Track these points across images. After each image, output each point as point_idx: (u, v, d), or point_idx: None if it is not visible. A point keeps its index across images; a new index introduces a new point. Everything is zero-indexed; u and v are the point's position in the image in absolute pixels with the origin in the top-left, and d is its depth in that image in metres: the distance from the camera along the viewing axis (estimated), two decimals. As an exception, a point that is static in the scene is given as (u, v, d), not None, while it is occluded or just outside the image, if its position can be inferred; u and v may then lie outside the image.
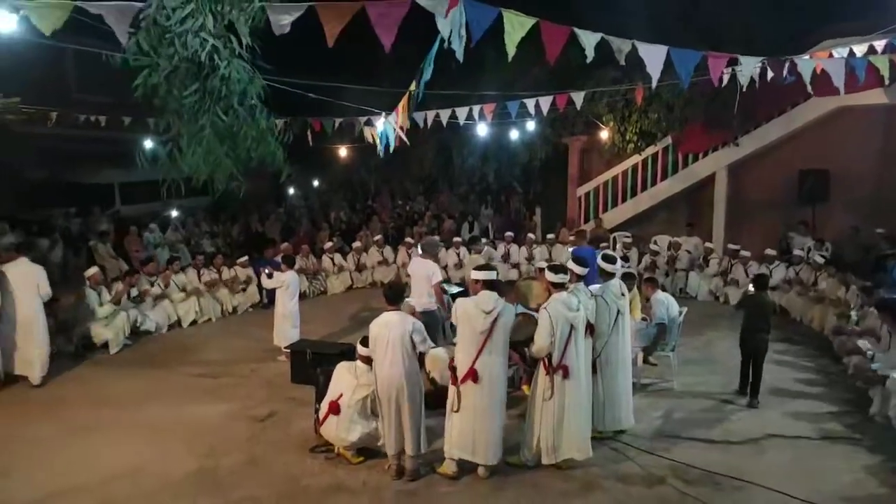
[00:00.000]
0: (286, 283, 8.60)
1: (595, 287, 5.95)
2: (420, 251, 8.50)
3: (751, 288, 7.70)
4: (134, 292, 9.62)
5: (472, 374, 5.07)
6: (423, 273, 7.85)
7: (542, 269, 7.05)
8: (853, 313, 8.27)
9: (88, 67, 10.46)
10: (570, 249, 12.22)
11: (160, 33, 3.59)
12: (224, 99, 3.77)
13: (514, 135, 14.85)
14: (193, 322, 10.31)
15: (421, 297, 7.74)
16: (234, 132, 3.94)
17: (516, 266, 13.04)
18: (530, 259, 13.05)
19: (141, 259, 11.52)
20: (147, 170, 4.64)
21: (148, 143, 13.15)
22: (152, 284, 9.98)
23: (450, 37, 4.01)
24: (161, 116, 4.00)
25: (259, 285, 11.13)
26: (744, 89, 5.44)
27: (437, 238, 9.80)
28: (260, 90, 3.99)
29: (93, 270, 9.25)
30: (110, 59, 3.99)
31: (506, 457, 5.38)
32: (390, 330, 5.15)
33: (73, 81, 15.48)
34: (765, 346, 6.90)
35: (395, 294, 5.40)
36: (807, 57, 6.73)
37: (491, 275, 5.29)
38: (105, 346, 8.86)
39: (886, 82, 5.90)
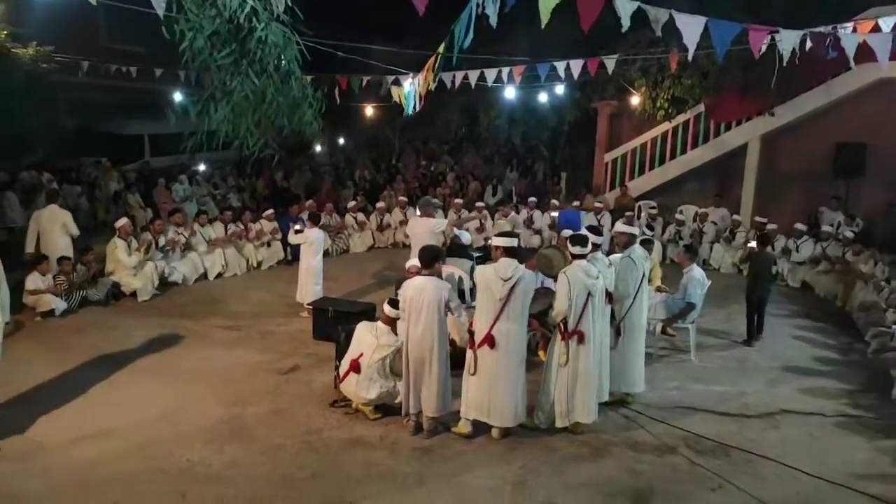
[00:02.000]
0: (311, 240, 8.70)
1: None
2: (418, 211, 8.54)
3: (753, 244, 8.74)
4: (161, 241, 9.83)
5: (489, 340, 5.15)
6: (424, 230, 7.86)
7: (564, 239, 7.07)
8: (885, 290, 8.15)
9: (119, 17, 10.48)
10: (554, 214, 12.31)
11: None
12: (259, 62, 3.77)
13: (542, 98, 14.60)
14: (219, 275, 10.53)
15: None
16: (266, 98, 3.95)
17: (539, 232, 13.01)
18: (552, 226, 13.00)
19: (169, 210, 11.73)
20: (176, 122, 4.69)
21: (178, 96, 13.31)
22: (180, 237, 10.17)
23: (483, 1, 3.94)
24: (196, 73, 4.03)
25: (283, 241, 11.31)
26: (784, 63, 5.27)
27: (431, 198, 9.86)
28: (296, 54, 3.97)
29: (122, 221, 9.48)
30: (162, 29, 3.90)
31: (518, 421, 5.49)
32: (425, 294, 5.22)
33: (103, 31, 15.55)
34: (767, 294, 8.00)
35: (431, 257, 5.43)
36: (850, 27, 6.48)
37: (512, 242, 5.32)
38: (133, 294, 9.12)
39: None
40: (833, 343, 7.98)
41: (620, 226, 6.41)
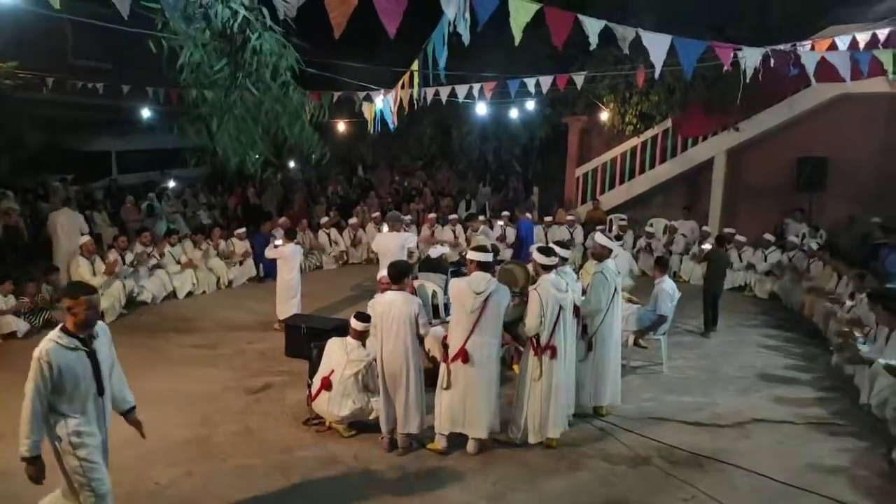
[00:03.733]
0: (286, 255, 8.73)
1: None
2: (385, 226, 8.63)
3: (707, 246, 9.82)
4: (129, 257, 9.65)
5: (463, 354, 5.14)
6: (395, 245, 7.91)
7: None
8: (847, 302, 8.35)
9: (86, 34, 10.34)
10: (497, 224, 12.55)
11: (192, 6, 3.47)
12: (255, 73, 3.67)
13: (513, 114, 14.76)
14: (189, 294, 10.35)
15: None
16: (266, 109, 3.83)
17: (512, 246, 13.05)
18: (516, 238, 13.06)
19: (136, 229, 11.52)
20: (144, 139, 4.57)
21: (146, 112, 13.08)
22: (148, 255, 9.99)
23: (455, 20, 3.95)
24: (192, 90, 3.86)
25: (255, 258, 11.21)
26: (748, 80, 5.42)
27: (399, 213, 10.06)
28: (293, 63, 3.87)
29: (85, 239, 9.24)
30: (148, 44, 3.78)
31: (493, 433, 5.47)
32: (395, 309, 5.19)
33: (70, 48, 15.32)
34: (721, 290, 9.03)
35: (400, 273, 5.40)
36: (809, 44, 6.70)
37: (487, 257, 5.34)
38: (101, 315, 8.88)
39: (890, 77, 5.89)
40: (801, 352, 8.13)
41: (601, 237, 6.35)
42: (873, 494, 4.85)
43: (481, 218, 13.63)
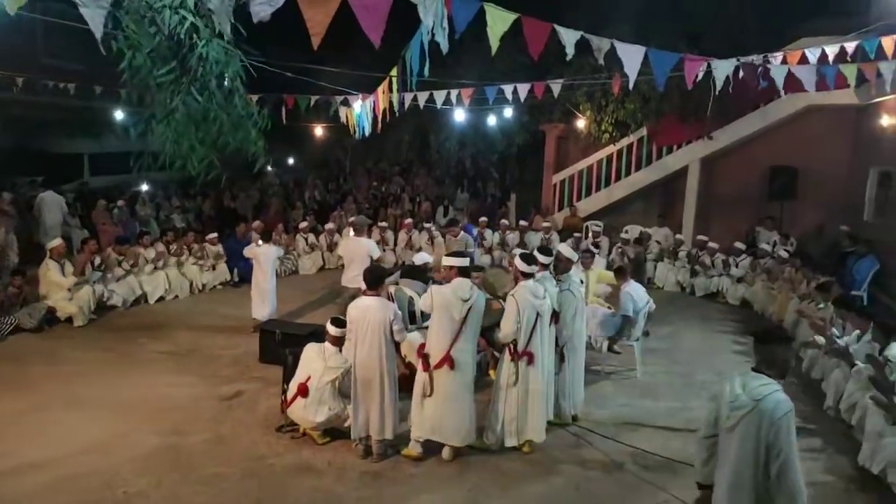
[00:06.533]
0: (258, 256, 8.74)
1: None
2: (352, 231, 8.69)
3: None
4: (97, 261, 9.47)
5: (449, 360, 5.12)
6: (362, 252, 7.96)
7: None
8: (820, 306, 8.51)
9: (58, 34, 10.17)
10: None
11: (142, 9, 3.47)
12: (200, 79, 3.68)
13: (491, 120, 14.85)
14: (161, 298, 10.18)
15: (357, 276, 7.94)
16: (208, 116, 3.85)
17: (489, 251, 13.12)
18: (503, 244, 13.14)
19: (115, 238, 11.32)
20: (118, 141, 4.54)
21: (119, 115, 12.87)
22: (119, 263, 9.81)
23: (433, 28, 3.97)
24: (136, 92, 3.90)
25: (228, 262, 11.10)
26: (717, 92, 5.52)
27: (365, 217, 10.24)
28: (240, 72, 3.89)
29: (55, 242, 9.06)
30: (100, 45, 3.78)
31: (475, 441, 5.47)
32: (370, 314, 5.16)
33: (41, 48, 15.01)
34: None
35: (375, 279, 5.38)
36: (780, 56, 6.84)
37: (464, 261, 5.33)
38: (69, 320, 8.72)
39: (852, 88, 6.07)
40: (771, 358, 8.24)
41: (565, 248, 6.36)
42: (841, 500, 4.93)
43: (459, 224, 13.66)
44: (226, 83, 3.84)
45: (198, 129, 3.94)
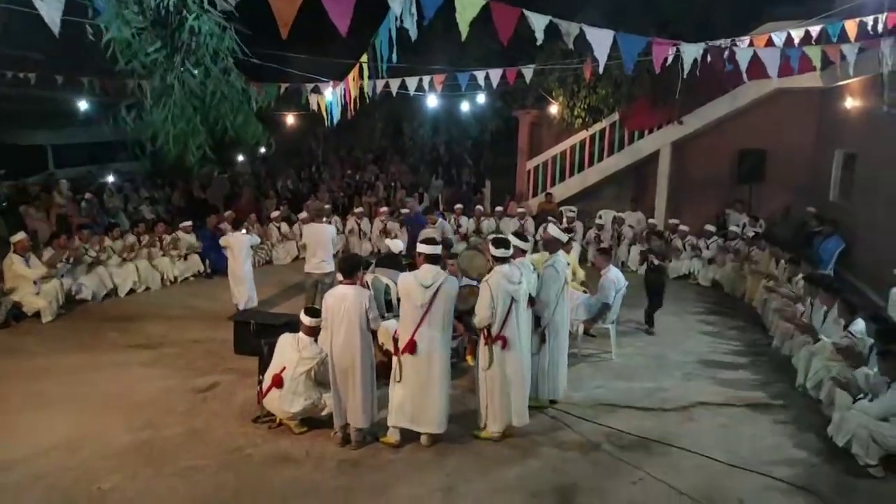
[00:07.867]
0: (232, 245, 8.73)
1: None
2: (312, 218, 8.89)
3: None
4: (65, 254, 9.28)
5: (411, 346, 5.13)
6: (325, 238, 8.14)
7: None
8: (786, 286, 8.71)
9: (16, 22, 9.82)
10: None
11: None
12: (194, 53, 3.51)
13: (464, 107, 14.81)
14: (132, 291, 10.01)
15: (322, 261, 8.07)
16: (206, 94, 3.67)
17: (465, 238, 13.13)
18: (478, 231, 13.16)
19: (77, 226, 11.08)
20: (81, 132, 4.38)
21: (83, 105, 12.54)
22: (86, 251, 9.62)
23: (401, 15, 3.93)
24: (125, 76, 3.68)
25: (201, 253, 10.95)
26: (685, 76, 5.58)
27: (321, 203, 10.36)
28: (234, 46, 3.73)
29: (20, 236, 8.81)
30: (86, 33, 3.55)
31: (473, 431, 5.54)
32: (346, 303, 5.14)
33: (-2, 34, 14.51)
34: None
35: (351, 267, 5.36)
36: (747, 40, 6.92)
37: (435, 249, 5.32)
38: (37, 315, 8.52)
39: (818, 71, 6.18)
40: (741, 337, 8.43)
41: (553, 229, 6.43)
42: (810, 472, 5.07)
43: (436, 212, 13.66)
44: (221, 60, 3.67)
45: (196, 111, 3.77)
